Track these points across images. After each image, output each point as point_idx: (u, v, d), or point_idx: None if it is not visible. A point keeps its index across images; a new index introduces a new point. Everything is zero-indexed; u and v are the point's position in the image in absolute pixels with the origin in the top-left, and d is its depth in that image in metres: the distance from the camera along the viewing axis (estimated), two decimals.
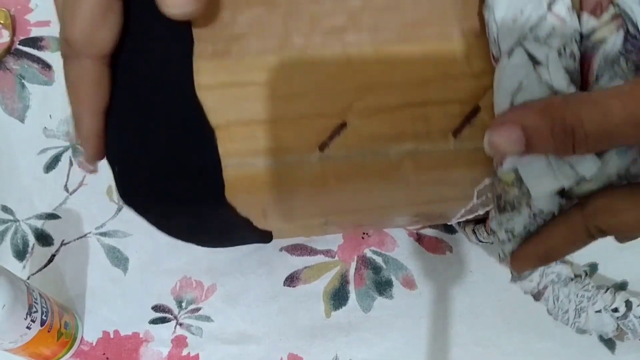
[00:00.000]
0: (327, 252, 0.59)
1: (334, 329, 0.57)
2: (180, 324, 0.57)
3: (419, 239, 0.59)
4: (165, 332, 0.57)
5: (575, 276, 0.51)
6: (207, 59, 0.35)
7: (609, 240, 0.38)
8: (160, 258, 0.59)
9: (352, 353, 0.56)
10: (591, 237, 0.35)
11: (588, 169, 0.33)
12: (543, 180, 0.34)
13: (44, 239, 0.60)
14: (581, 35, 0.34)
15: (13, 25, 0.66)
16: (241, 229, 0.41)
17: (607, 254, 0.57)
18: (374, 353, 0.56)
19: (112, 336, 0.57)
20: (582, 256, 0.57)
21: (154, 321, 0.57)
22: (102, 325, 0.57)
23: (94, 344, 0.57)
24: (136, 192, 0.38)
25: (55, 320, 0.51)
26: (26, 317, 0.47)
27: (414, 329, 0.56)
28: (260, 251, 0.59)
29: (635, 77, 0.33)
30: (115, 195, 0.61)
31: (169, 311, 0.58)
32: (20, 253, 0.59)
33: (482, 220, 0.50)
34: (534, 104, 0.33)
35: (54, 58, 0.65)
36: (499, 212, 0.37)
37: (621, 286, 0.57)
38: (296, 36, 0.36)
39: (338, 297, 0.58)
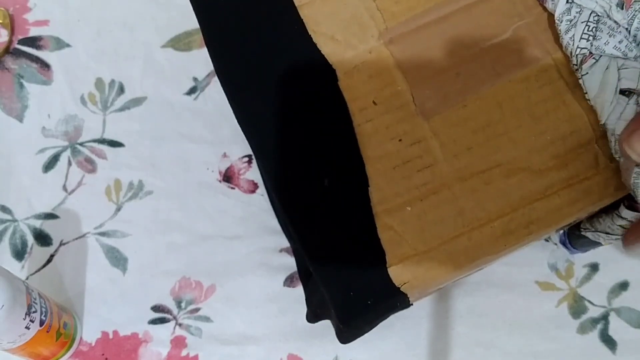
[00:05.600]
0: None
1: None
2: (180, 325, 0.57)
3: None
4: (165, 332, 0.57)
5: None
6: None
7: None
8: (160, 258, 0.59)
9: (352, 354, 0.56)
10: None
11: None
12: None
13: (42, 239, 0.59)
14: None
15: (11, 25, 0.66)
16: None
17: (607, 254, 0.57)
18: (374, 354, 0.56)
19: (111, 336, 0.57)
20: (582, 256, 0.57)
21: (153, 321, 0.57)
22: (101, 325, 0.57)
23: (93, 344, 0.57)
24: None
25: (54, 321, 0.51)
26: (25, 317, 0.47)
27: (415, 330, 0.56)
28: (260, 252, 0.59)
29: None
30: (114, 195, 0.61)
31: (168, 311, 0.57)
32: (19, 253, 0.59)
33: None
34: None
35: (53, 57, 0.65)
36: None
37: (621, 286, 0.57)
38: None
39: None
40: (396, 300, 0.41)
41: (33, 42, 0.66)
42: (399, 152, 0.42)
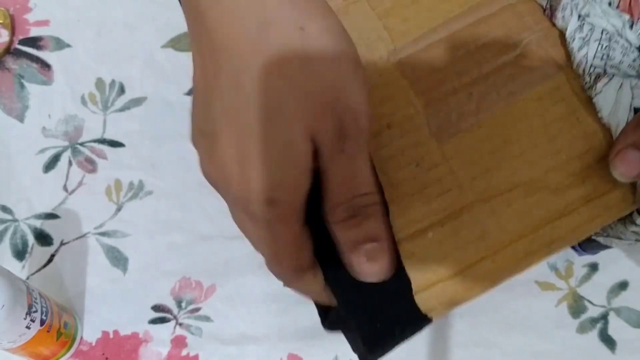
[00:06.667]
0: None
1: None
2: (180, 324, 0.57)
3: None
4: (165, 332, 0.57)
5: None
6: None
7: None
8: (160, 258, 0.59)
9: (352, 354, 0.55)
10: None
11: None
12: None
13: (43, 238, 0.59)
14: None
15: (12, 25, 0.66)
16: None
17: (607, 254, 0.57)
18: None
19: (111, 336, 0.57)
20: (582, 256, 0.57)
21: (154, 321, 0.57)
22: (102, 325, 0.57)
23: (93, 344, 0.57)
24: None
25: (54, 320, 0.51)
26: (25, 317, 0.47)
27: None
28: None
29: None
30: (114, 195, 0.61)
31: (169, 311, 0.58)
32: (20, 253, 0.59)
33: None
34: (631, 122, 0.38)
35: (53, 58, 0.65)
36: None
37: (621, 286, 0.57)
38: None
39: None
40: (422, 326, 0.41)
41: (33, 42, 0.66)
42: (416, 177, 0.41)
